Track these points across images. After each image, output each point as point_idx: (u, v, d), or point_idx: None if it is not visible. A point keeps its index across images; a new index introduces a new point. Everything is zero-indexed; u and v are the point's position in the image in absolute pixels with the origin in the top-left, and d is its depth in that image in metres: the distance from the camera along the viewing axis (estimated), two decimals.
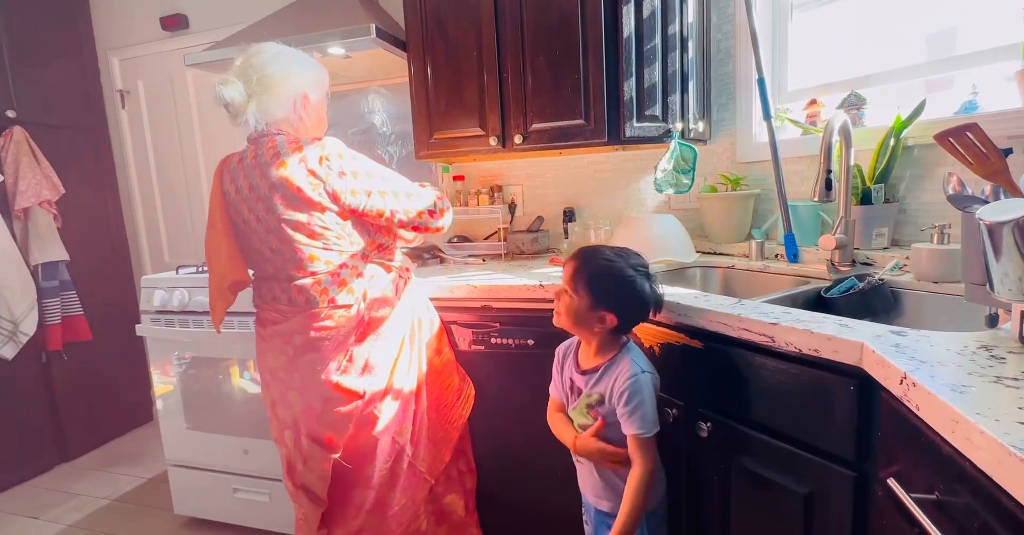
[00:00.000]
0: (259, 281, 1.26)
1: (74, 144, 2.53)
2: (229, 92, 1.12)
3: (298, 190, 1.10)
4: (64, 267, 2.30)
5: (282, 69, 1.16)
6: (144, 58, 2.60)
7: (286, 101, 1.17)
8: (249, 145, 1.18)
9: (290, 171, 1.10)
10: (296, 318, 1.19)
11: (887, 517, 0.70)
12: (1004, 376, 0.60)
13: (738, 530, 1.01)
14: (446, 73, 1.74)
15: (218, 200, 1.21)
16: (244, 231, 1.20)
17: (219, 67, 1.91)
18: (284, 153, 1.12)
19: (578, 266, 0.99)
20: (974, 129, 0.79)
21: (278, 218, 1.12)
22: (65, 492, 2.18)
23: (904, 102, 1.35)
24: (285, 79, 1.16)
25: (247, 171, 1.15)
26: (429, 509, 1.38)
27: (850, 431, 0.78)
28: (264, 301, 1.25)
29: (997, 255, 0.65)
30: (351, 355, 1.20)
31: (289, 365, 1.21)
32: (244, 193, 1.16)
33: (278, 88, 1.15)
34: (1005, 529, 0.48)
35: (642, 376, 0.95)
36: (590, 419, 1.02)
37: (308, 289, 1.17)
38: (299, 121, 1.21)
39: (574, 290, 0.98)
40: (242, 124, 1.16)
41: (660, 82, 1.58)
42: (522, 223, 2.07)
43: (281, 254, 1.16)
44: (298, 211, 1.11)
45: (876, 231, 1.37)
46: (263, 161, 1.13)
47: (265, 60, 1.16)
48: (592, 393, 1.01)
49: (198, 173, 2.62)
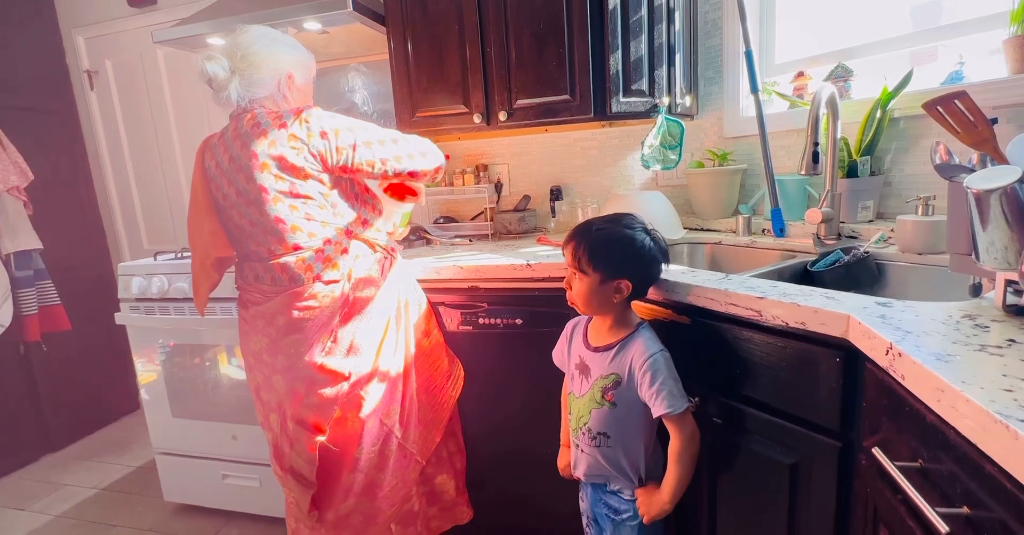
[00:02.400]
0: (241, 262, 1.24)
1: (42, 128, 2.43)
2: (213, 67, 1.12)
3: (280, 158, 1.10)
4: (38, 256, 2.23)
5: (267, 48, 1.17)
6: (111, 36, 2.49)
7: (270, 80, 1.17)
8: (230, 122, 1.18)
9: (271, 137, 1.10)
10: (278, 298, 1.17)
11: (871, 485, 0.71)
12: (988, 344, 0.61)
13: (725, 502, 1.03)
14: (427, 48, 1.68)
15: (199, 178, 1.20)
16: (225, 207, 1.18)
17: (189, 44, 1.83)
18: (264, 122, 1.12)
19: (576, 245, 0.96)
20: (963, 97, 0.78)
21: (258, 187, 1.11)
22: (52, 483, 2.16)
23: (890, 75, 1.34)
24: (270, 58, 1.16)
25: (228, 145, 1.14)
26: (421, 490, 1.38)
27: (835, 402, 0.78)
28: (247, 282, 1.23)
29: (984, 224, 0.65)
30: (336, 336, 1.19)
31: (272, 347, 1.20)
32: (224, 167, 1.14)
33: (262, 66, 1.15)
34: (986, 494, 0.48)
35: (659, 355, 0.94)
36: (605, 403, 0.98)
37: (292, 266, 1.15)
38: (283, 100, 1.21)
39: (581, 270, 0.96)
40: (224, 101, 1.16)
41: (647, 55, 1.55)
42: (509, 202, 2.05)
43: (262, 226, 1.14)
44: (279, 179, 1.11)
45: (862, 204, 1.37)
46: (243, 132, 1.12)
47: (251, 39, 1.16)
48: (608, 374, 0.98)
49: (173, 155, 2.54)
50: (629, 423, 0.98)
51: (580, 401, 1.03)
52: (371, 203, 1.30)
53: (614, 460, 1.00)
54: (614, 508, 1.04)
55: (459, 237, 1.91)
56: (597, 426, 1.00)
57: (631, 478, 1.01)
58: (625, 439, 0.99)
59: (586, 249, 0.95)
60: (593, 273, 0.95)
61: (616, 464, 1.00)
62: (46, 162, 2.38)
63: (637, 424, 0.98)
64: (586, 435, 1.01)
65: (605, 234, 0.96)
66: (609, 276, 0.95)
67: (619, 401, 0.97)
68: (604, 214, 1.04)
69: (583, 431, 1.02)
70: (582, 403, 1.03)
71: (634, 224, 0.98)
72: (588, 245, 0.95)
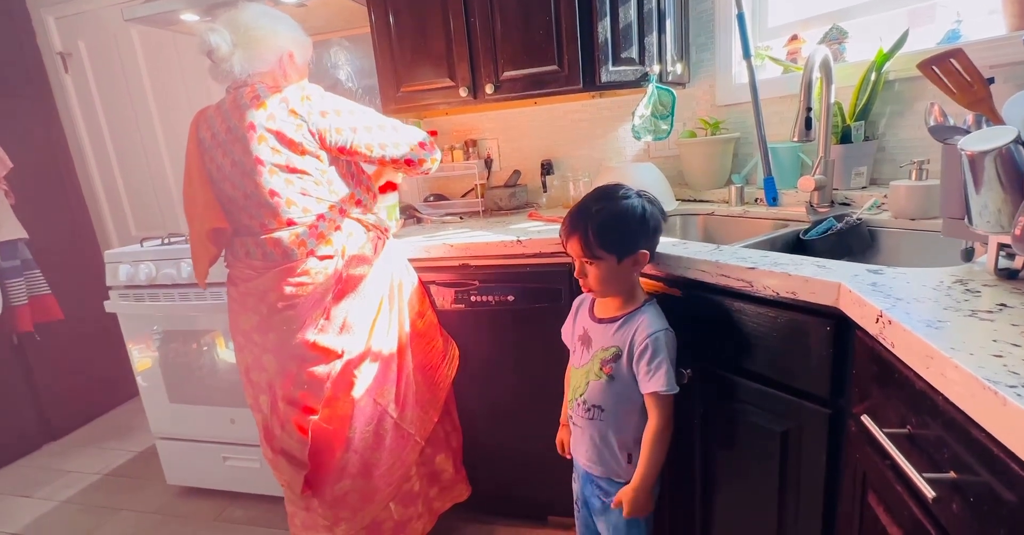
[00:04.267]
0: (232, 237, 1.22)
1: (17, 114, 2.37)
2: (215, 39, 1.12)
3: (278, 132, 1.10)
4: (23, 245, 2.20)
5: (271, 25, 1.18)
6: (83, 15, 2.40)
7: (271, 56, 1.18)
8: (228, 94, 1.18)
9: (270, 111, 1.10)
10: (270, 273, 1.16)
11: (860, 451, 0.71)
12: (979, 309, 0.60)
13: (718, 471, 1.04)
14: (409, 20, 1.62)
15: (193, 150, 1.19)
16: (218, 178, 1.16)
17: (162, 21, 1.76)
18: (264, 95, 1.12)
19: (582, 235, 0.92)
20: (958, 55, 0.76)
21: (254, 159, 1.10)
22: (56, 470, 2.18)
23: (886, 36, 1.30)
24: (273, 35, 1.17)
25: (225, 115, 1.13)
26: (421, 471, 1.39)
27: (825, 371, 0.78)
28: (237, 258, 1.22)
29: (977, 186, 0.63)
30: (329, 313, 1.18)
31: (263, 324, 1.19)
32: (221, 137, 1.14)
33: (265, 41, 1.16)
34: (974, 460, 0.48)
35: (662, 334, 0.93)
36: (602, 376, 0.97)
37: (284, 241, 1.14)
38: (283, 77, 1.21)
39: (594, 257, 0.93)
40: (224, 74, 1.16)
41: (636, 22, 1.50)
42: (499, 178, 2.01)
43: (256, 199, 1.13)
44: (276, 153, 1.11)
45: (855, 170, 1.35)
46: (242, 103, 1.12)
47: (254, 14, 1.17)
48: (609, 346, 0.97)
49: (155, 137, 2.48)
50: (624, 398, 0.97)
51: (579, 372, 1.03)
52: (365, 183, 1.29)
53: (604, 435, 1.00)
54: (604, 490, 1.04)
55: (450, 215, 1.88)
56: (592, 398, 0.99)
57: (619, 457, 1.00)
58: (618, 414, 0.99)
59: (595, 235, 0.91)
60: (608, 256, 0.93)
61: (605, 440, 1.00)
62: (24, 149, 2.32)
63: (631, 400, 0.97)
64: (581, 407, 1.02)
65: (607, 214, 0.93)
66: (623, 254, 0.93)
67: (616, 375, 0.96)
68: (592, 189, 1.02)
69: (579, 402, 1.02)
70: (580, 374, 1.02)
71: (628, 193, 0.96)
72: (596, 230, 0.91)
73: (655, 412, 0.94)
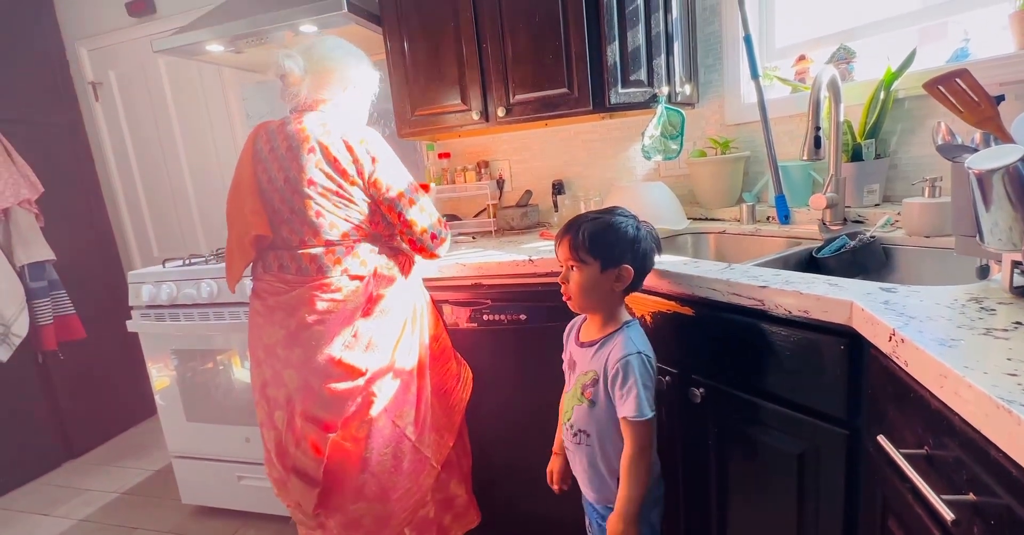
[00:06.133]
0: (266, 249, 1.24)
1: (50, 140, 2.47)
2: (290, 64, 1.20)
3: (334, 160, 1.17)
4: (51, 267, 2.27)
5: (342, 57, 1.26)
6: (113, 47, 2.52)
7: (338, 86, 1.26)
8: (294, 114, 1.25)
9: (331, 140, 1.17)
10: (303, 288, 1.17)
11: (879, 473, 0.70)
12: (994, 328, 0.59)
13: (734, 493, 1.02)
14: (423, 47, 1.68)
15: (248, 159, 1.24)
16: (268, 190, 1.21)
17: (188, 52, 1.85)
18: (327, 123, 1.19)
19: (573, 236, 0.93)
20: (964, 75, 0.76)
21: (308, 180, 1.16)
22: (74, 488, 2.21)
23: (897, 54, 1.31)
24: (343, 67, 1.26)
25: (287, 133, 1.20)
26: (436, 497, 1.37)
27: (841, 390, 0.77)
28: (268, 271, 1.23)
29: (987, 204, 0.63)
30: (357, 331, 1.19)
31: (290, 339, 1.19)
32: (279, 152, 1.19)
33: (335, 72, 1.24)
34: (993, 481, 0.47)
35: (633, 357, 0.90)
36: (584, 400, 0.96)
37: (320, 257, 1.18)
38: (347, 107, 1.29)
39: (579, 260, 0.93)
40: (291, 96, 1.25)
41: (644, 45, 1.53)
42: (511, 198, 2.04)
43: (301, 216, 1.18)
44: (328, 178, 1.17)
45: (867, 188, 1.34)
46: (306, 126, 1.19)
47: (329, 45, 1.26)
48: (588, 370, 0.97)
49: (178, 162, 2.57)
50: (606, 423, 0.95)
51: (567, 397, 1.03)
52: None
53: (592, 460, 0.98)
54: (601, 514, 1.02)
55: (462, 234, 1.91)
56: (578, 423, 0.98)
57: (608, 482, 0.98)
58: (603, 439, 0.96)
59: (585, 236, 0.92)
60: (593, 261, 0.92)
61: (595, 465, 0.98)
62: (55, 174, 2.41)
63: (614, 424, 0.95)
64: (568, 432, 1.01)
65: (601, 222, 0.94)
66: (607, 264, 0.92)
67: (596, 399, 0.95)
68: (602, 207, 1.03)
69: (567, 428, 1.01)
70: (567, 399, 1.02)
71: (625, 213, 0.97)
72: (585, 234, 0.92)
73: (628, 438, 0.91)
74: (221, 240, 2.53)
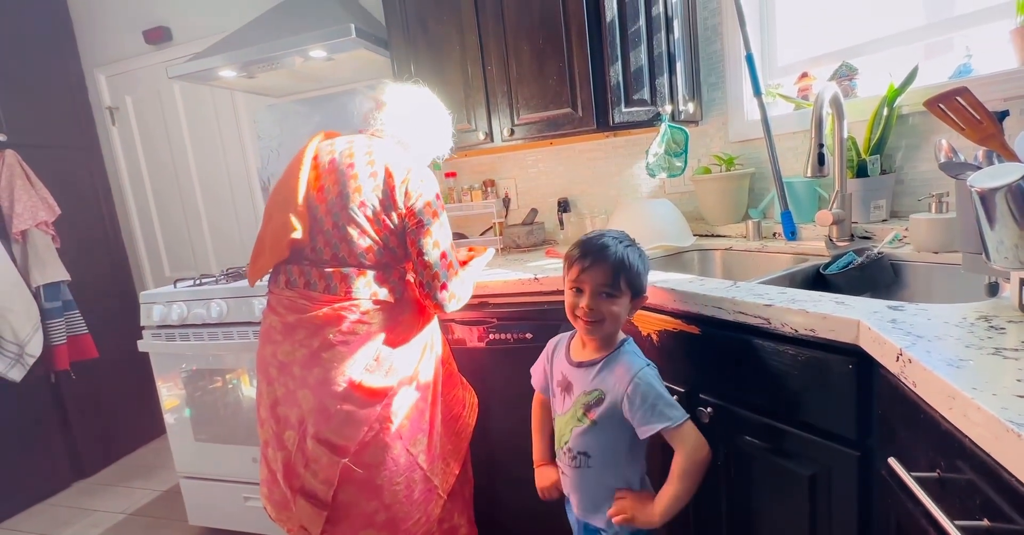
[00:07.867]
0: (291, 263, 1.22)
1: (67, 164, 2.54)
2: (388, 97, 1.31)
3: (392, 188, 1.18)
4: (66, 287, 2.31)
5: (433, 115, 1.35)
6: (130, 73, 2.60)
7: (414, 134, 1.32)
8: (362, 132, 1.31)
9: (395, 170, 1.19)
10: (329, 308, 1.16)
11: (891, 496, 0.68)
12: (1004, 347, 0.58)
13: (743, 514, 1.00)
14: (430, 69, 1.72)
15: (297, 165, 1.24)
16: (315, 199, 1.21)
17: (202, 78, 1.90)
18: (400, 155, 1.24)
19: (612, 266, 0.90)
20: (964, 93, 0.77)
21: (360, 201, 1.18)
22: (82, 508, 2.21)
23: (900, 69, 1.31)
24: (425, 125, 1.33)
25: (356, 153, 1.22)
26: (443, 527, 1.33)
27: (851, 411, 0.76)
28: (291, 286, 1.21)
29: (991, 223, 0.63)
30: (379, 355, 1.18)
31: (310, 359, 1.16)
32: (340, 167, 1.21)
33: (420, 125, 1.32)
34: (1008, 506, 0.46)
35: (647, 370, 0.92)
36: (585, 421, 0.94)
37: (351, 278, 1.17)
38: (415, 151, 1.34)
39: (616, 289, 0.90)
40: (370, 122, 1.31)
41: (647, 65, 1.55)
42: (517, 216, 2.06)
43: (343, 232, 1.18)
44: (380, 204, 1.18)
45: (874, 204, 1.34)
46: (375, 150, 1.22)
47: (430, 100, 1.36)
48: (591, 390, 0.95)
49: (191, 184, 2.62)
50: (610, 443, 0.94)
51: (562, 419, 1.00)
52: None
53: (595, 483, 0.96)
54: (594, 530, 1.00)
55: None
56: (578, 445, 0.96)
57: (607, 504, 0.96)
58: (608, 461, 0.95)
59: (627, 267, 0.90)
60: (626, 292, 0.92)
61: (598, 487, 0.96)
62: (71, 196, 2.47)
63: (621, 446, 0.93)
64: (567, 455, 0.98)
65: (636, 252, 0.94)
66: (638, 293, 0.94)
67: (601, 420, 0.93)
68: (605, 227, 1.04)
69: (564, 451, 0.99)
70: (563, 421, 0.99)
71: (625, 237, 0.97)
72: (627, 263, 0.90)
73: (677, 444, 0.90)
74: (232, 260, 2.57)
